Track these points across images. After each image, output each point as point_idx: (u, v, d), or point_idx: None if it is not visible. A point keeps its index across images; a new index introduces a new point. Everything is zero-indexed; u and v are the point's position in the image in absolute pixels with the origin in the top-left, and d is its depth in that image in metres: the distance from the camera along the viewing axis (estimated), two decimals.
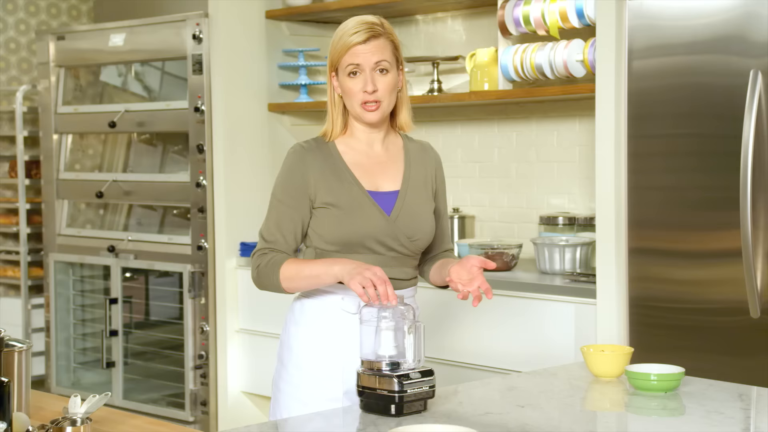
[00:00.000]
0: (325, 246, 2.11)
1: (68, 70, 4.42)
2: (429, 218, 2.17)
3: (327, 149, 2.14)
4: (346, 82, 2.10)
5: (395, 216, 2.11)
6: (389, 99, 2.10)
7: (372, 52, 2.07)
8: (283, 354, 2.19)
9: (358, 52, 2.07)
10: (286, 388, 2.16)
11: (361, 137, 2.16)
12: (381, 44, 2.09)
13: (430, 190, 2.20)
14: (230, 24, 3.85)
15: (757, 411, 1.97)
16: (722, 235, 2.57)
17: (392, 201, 2.13)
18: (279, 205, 2.13)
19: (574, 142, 3.50)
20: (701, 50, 2.59)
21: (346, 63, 2.08)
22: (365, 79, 2.07)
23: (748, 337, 2.53)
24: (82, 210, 4.49)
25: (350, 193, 2.09)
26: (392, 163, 2.17)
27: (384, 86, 2.08)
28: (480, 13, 3.70)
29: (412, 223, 2.13)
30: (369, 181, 2.13)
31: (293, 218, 2.11)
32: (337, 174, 2.11)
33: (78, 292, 4.41)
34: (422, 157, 2.21)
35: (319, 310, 2.15)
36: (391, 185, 2.14)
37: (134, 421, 1.94)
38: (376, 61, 2.07)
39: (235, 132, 3.88)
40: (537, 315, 3.02)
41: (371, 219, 2.09)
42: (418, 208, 2.15)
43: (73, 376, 4.44)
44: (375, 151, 2.16)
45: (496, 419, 1.86)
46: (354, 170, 2.12)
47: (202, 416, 3.91)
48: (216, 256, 3.87)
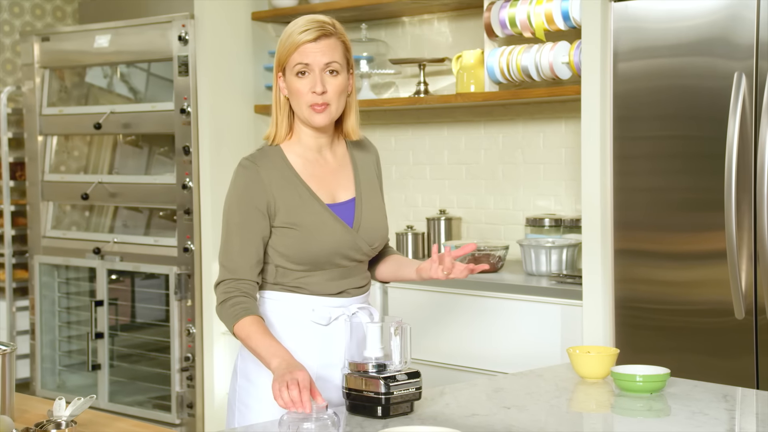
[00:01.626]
0: (289, 265, 2.04)
1: (53, 71, 4.40)
2: (385, 222, 2.13)
3: (277, 160, 2.04)
4: (293, 83, 2.00)
5: (357, 226, 2.07)
6: (338, 102, 2.01)
7: (322, 51, 1.98)
8: (249, 370, 2.07)
9: (307, 51, 1.98)
10: (256, 405, 2.05)
11: (308, 142, 2.06)
12: (332, 44, 2.00)
13: (379, 191, 2.16)
14: (216, 25, 3.84)
15: (741, 412, 1.98)
16: (707, 236, 2.58)
17: (350, 211, 2.07)
18: (237, 229, 2.00)
19: (560, 143, 3.51)
20: (686, 53, 2.61)
21: (295, 62, 1.99)
22: (314, 79, 1.98)
23: (733, 338, 2.54)
24: (68, 212, 4.47)
25: (311, 211, 2.02)
26: (342, 169, 2.10)
27: (333, 88, 2.00)
28: (466, 15, 3.71)
29: (372, 231, 2.08)
30: (325, 192, 2.06)
31: (254, 241, 2.00)
32: (295, 190, 2.03)
33: (63, 295, 4.39)
34: (365, 157, 2.16)
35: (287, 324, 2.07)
36: (345, 194, 2.08)
37: (119, 424, 1.94)
38: (326, 61, 1.99)
39: (221, 133, 3.87)
40: (523, 316, 3.03)
41: (335, 235, 2.03)
42: (374, 213, 2.10)
43: (58, 378, 4.42)
44: (325, 159, 2.08)
45: (482, 421, 1.87)
46: (309, 182, 2.04)
47: (189, 419, 3.90)
48: (202, 258, 3.86)
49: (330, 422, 1.70)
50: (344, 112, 2.07)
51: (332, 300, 2.06)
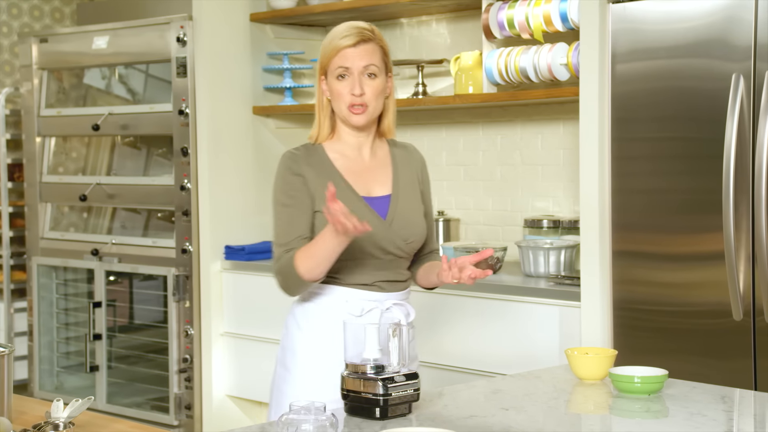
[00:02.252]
0: None
1: (51, 72, 4.40)
2: (421, 220, 2.21)
3: (317, 156, 2.17)
4: (334, 85, 2.13)
5: (390, 220, 2.15)
6: (376, 103, 2.14)
7: (361, 56, 2.11)
8: (286, 358, 2.20)
9: (347, 55, 2.11)
10: (291, 391, 2.16)
11: (349, 141, 2.18)
12: (370, 49, 2.12)
13: (418, 193, 2.24)
14: (214, 27, 3.84)
15: (739, 413, 1.98)
16: (705, 237, 2.58)
17: (385, 205, 2.16)
18: (284, 209, 2.13)
19: (558, 145, 3.51)
20: (684, 54, 2.61)
21: (336, 65, 2.12)
22: (353, 82, 2.11)
23: (731, 340, 2.54)
24: (66, 213, 4.46)
25: (346, 200, 2.10)
26: (381, 167, 2.20)
27: (371, 90, 2.12)
28: (464, 17, 3.71)
29: (406, 226, 2.16)
30: (362, 186, 2.16)
31: (301, 217, 2.12)
32: (332, 180, 2.11)
33: (61, 296, 4.39)
34: (408, 160, 2.25)
35: (322, 314, 2.17)
36: (382, 190, 2.18)
37: (117, 425, 1.93)
38: (365, 64, 2.11)
39: (219, 135, 3.87)
40: (521, 318, 3.03)
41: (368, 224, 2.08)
42: (410, 210, 2.19)
43: (56, 380, 4.41)
44: (364, 157, 2.19)
45: (480, 422, 1.87)
46: (346, 176, 2.15)
47: (187, 420, 3.90)
48: (200, 259, 3.86)
49: (328, 423, 1.70)
50: (383, 112, 2.19)
51: (366, 293, 2.14)
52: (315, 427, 1.69)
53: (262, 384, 3.82)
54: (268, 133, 4.02)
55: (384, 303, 2.14)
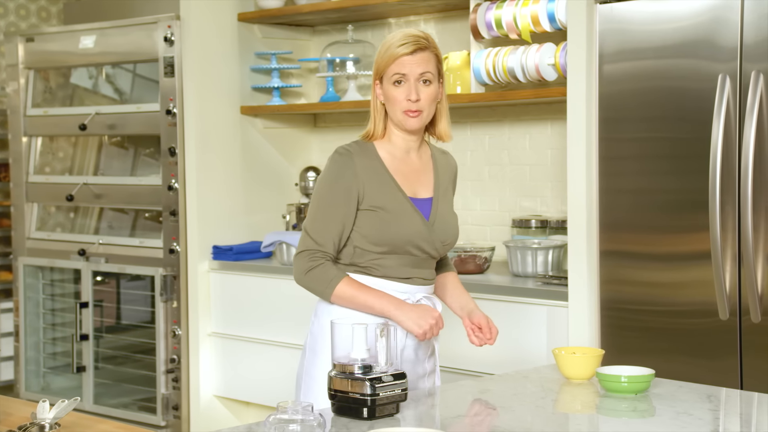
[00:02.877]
0: (368, 246, 2.21)
1: (38, 72, 4.38)
2: (456, 223, 2.33)
3: (370, 154, 2.25)
4: (390, 90, 2.21)
5: (432, 221, 2.26)
6: (429, 109, 2.22)
7: (418, 63, 2.19)
8: (316, 344, 2.26)
9: (404, 62, 2.19)
10: (321, 375, 2.21)
11: (398, 143, 2.27)
12: (426, 57, 2.21)
13: (452, 197, 2.35)
14: (202, 26, 3.82)
15: (725, 412, 1.99)
16: (692, 237, 2.59)
17: (428, 207, 2.27)
18: (328, 206, 2.21)
19: (546, 145, 3.52)
20: (671, 54, 2.62)
21: (393, 72, 2.20)
22: (409, 88, 2.19)
23: (717, 339, 2.55)
24: (52, 213, 4.44)
25: (395, 199, 2.21)
26: (425, 170, 2.30)
27: (426, 96, 2.20)
28: (452, 17, 3.71)
29: (445, 228, 2.28)
30: (408, 187, 2.26)
31: (341, 220, 2.19)
32: (382, 179, 2.22)
33: (48, 296, 4.37)
34: (446, 166, 2.36)
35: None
36: (425, 192, 2.28)
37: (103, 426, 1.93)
38: (420, 72, 2.19)
39: (207, 135, 3.85)
40: (509, 318, 3.03)
41: (414, 224, 2.21)
42: (448, 213, 2.30)
43: (42, 381, 4.39)
44: (411, 159, 2.29)
45: (468, 422, 1.87)
46: (395, 176, 2.24)
47: (174, 421, 3.89)
48: (188, 259, 3.85)
49: (315, 423, 1.70)
50: (437, 117, 2.28)
51: (399, 285, 2.23)
52: (302, 427, 1.69)
53: (250, 384, 3.82)
54: (256, 133, 4.01)
55: (415, 295, 2.24)
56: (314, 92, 4.13)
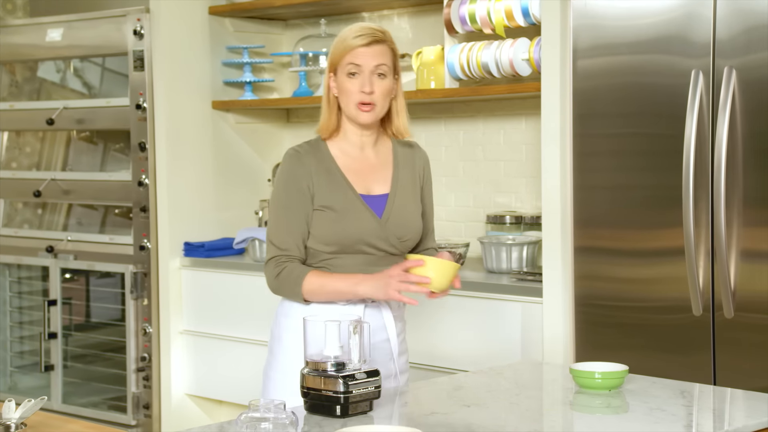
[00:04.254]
0: (319, 246, 2.20)
1: (3, 65, 4.31)
2: (417, 219, 2.28)
3: (321, 152, 2.22)
4: (344, 82, 2.18)
5: (386, 218, 2.22)
6: (383, 103, 2.20)
7: (373, 55, 2.17)
8: (274, 345, 2.27)
9: (359, 53, 2.17)
10: (275, 376, 2.24)
11: (353, 139, 2.24)
12: (382, 50, 2.19)
13: (418, 191, 2.30)
14: (172, 20, 3.78)
15: (699, 408, 1.99)
16: (666, 233, 2.60)
17: (383, 204, 2.23)
18: (285, 211, 2.19)
19: (521, 140, 3.51)
20: (644, 50, 2.62)
21: (347, 62, 2.18)
22: (363, 80, 2.17)
23: (691, 335, 2.56)
24: (19, 209, 4.38)
25: (344, 197, 2.19)
26: (382, 166, 2.26)
27: (380, 90, 2.19)
28: (426, 11, 3.69)
29: (401, 225, 2.23)
30: (361, 184, 2.23)
31: (300, 222, 2.19)
32: (332, 178, 2.21)
33: (15, 294, 4.31)
34: (410, 158, 2.31)
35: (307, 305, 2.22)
36: (381, 188, 2.25)
37: (72, 426, 1.90)
38: (375, 64, 2.17)
39: (178, 130, 3.81)
40: (484, 314, 3.02)
41: (363, 222, 2.19)
42: (406, 209, 2.25)
43: (9, 380, 4.33)
44: (366, 155, 2.25)
45: (441, 419, 1.85)
46: (347, 174, 2.22)
47: (145, 420, 3.84)
48: (159, 256, 3.80)
49: (288, 422, 1.68)
50: (393, 113, 2.24)
51: None
52: (275, 425, 1.66)
53: (222, 382, 3.79)
54: (228, 128, 3.97)
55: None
56: (287, 87, 4.09)
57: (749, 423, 1.82)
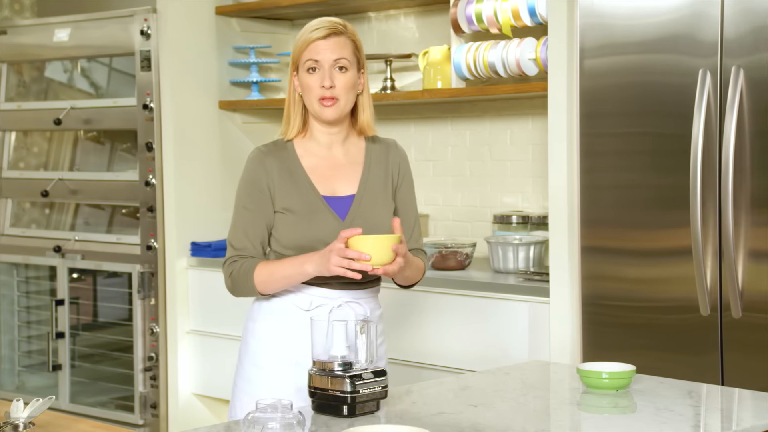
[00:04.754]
0: (282, 250, 2.14)
1: (11, 65, 4.32)
2: (386, 221, 2.16)
3: (285, 153, 2.16)
4: (304, 78, 2.12)
5: (350, 220, 2.13)
6: (347, 97, 2.12)
7: (332, 48, 2.09)
8: (241, 351, 2.22)
9: (318, 47, 2.10)
10: (242, 384, 2.19)
11: (320, 139, 2.17)
12: (341, 42, 2.11)
13: (389, 192, 2.20)
14: (179, 20, 3.78)
15: (706, 408, 1.98)
16: (673, 233, 2.59)
17: (347, 205, 2.14)
18: (244, 211, 2.14)
19: (527, 140, 3.51)
20: (651, 49, 2.61)
21: (306, 58, 2.11)
22: (323, 74, 2.09)
23: (698, 335, 2.55)
24: (27, 209, 4.39)
25: (305, 198, 2.12)
26: (351, 166, 2.17)
27: (342, 84, 2.10)
28: (433, 11, 3.69)
29: (367, 228, 2.11)
30: (325, 185, 2.14)
31: (259, 223, 2.13)
32: (294, 179, 2.13)
33: (23, 294, 4.31)
34: (384, 157, 2.21)
35: (274, 307, 2.17)
36: (347, 189, 2.16)
37: (79, 425, 1.90)
38: (335, 58, 2.09)
39: (185, 130, 3.82)
40: (491, 314, 3.02)
41: (324, 224, 2.11)
42: (374, 211, 2.16)
43: (17, 379, 4.34)
44: (333, 155, 2.17)
45: (448, 419, 1.85)
46: (311, 175, 2.14)
47: (152, 419, 3.85)
48: (166, 256, 3.81)
49: (295, 421, 1.68)
50: (358, 108, 2.16)
51: (315, 289, 2.13)
52: (282, 425, 1.66)
53: (229, 382, 3.78)
54: (235, 128, 3.97)
55: (335, 300, 2.08)
56: None
57: (757, 423, 1.82)
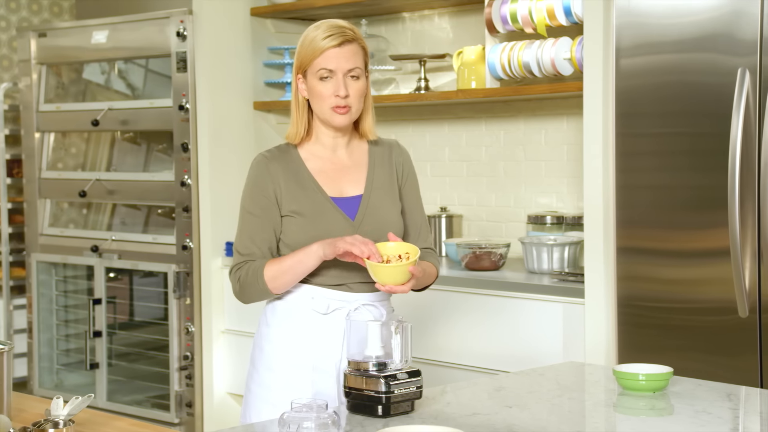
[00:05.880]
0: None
1: (50, 67, 4.38)
2: (395, 219, 2.17)
3: (290, 157, 2.15)
4: (316, 86, 2.09)
5: (359, 220, 2.13)
6: (358, 104, 2.12)
7: (346, 57, 2.08)
8: (255, 355, 2.20)
9: (331, 56, 2.07)
10: (256, 389, 2.17)
11: (325, 141, 2.16)
12: (354, 50, 2.09)
13: (396, 190, 2.20)
14: (215, 21, 3.81)
15: (745, 411, 1.96)
16: (710, 234, 2.56)
17: (356, 205, 2.14)
18: (250, 217, 2.13)
19: (562, 140, 3.49)
20: (689, 48, 2.58)
21: (319, 66, 2.08)
22: (338, 83, 2.08)
23: (737, 337, 2.52)
24: (65, 209, 4.44)
25: (313, 200, 2.11)
26: (356, 167, 2.17)
27: (355, 92, 2.10)
28: (467, 11, 3.68)
29: (377, 226, 2.12)
30: (332, 187, 2.14)
31: (265, 228, 2.12)
32: (300, 182, 2.13)
33: (61, 293, 4.37)
34: (387, 158, 2.21)
35: (288, 311, 2.15)
36: (354, 190, 2.16)
37: (117, 423, 1.92)
38: (349, 67, 2.08)
39: (220, 130, 3.84)
40: (525, 315, 3.01)
41: (335, 224, 2.10)
42: (382, 210, 2.15)
43: (56, 377, 4.40)
44: (338, 157, 2.17)
45: (483, 420, 1.85)
46: (317, 177, 2.14)
47: (188, 418, 3.88)
48: (201, 255, 3.84)
49: (330, 421, 1.68)
50: (362, 113, 2.16)
51: (332, 292, 2.11)
52: (317, 424, 1.67)
53: None
54: (269, 129, 3.99)
55: (352, 303, 2.09)
56: None
57: None
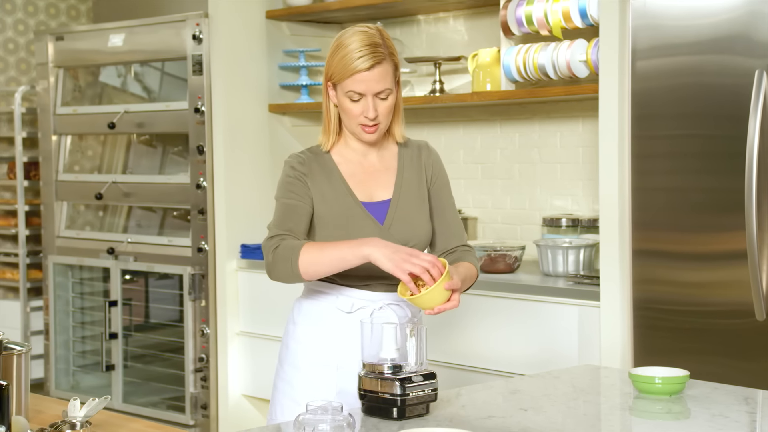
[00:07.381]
0: None
1: (67, 70, 4.40)
2: (423, 222, 2.18)
3: (322, 159, 2.17)
4: (345, 103, 2.10)
5: (389, 224, 2.14)
6: (387, 120, 2.13)
7: (376, 80, 2.06)
8: (282, 353, 2.22)
9: (361, 79, 2.06)
10: (282, 386, 2.19)
11: (355, 146, 2.18)
12: (384, 71, 2.07)
13: (425, 193, 2.20)
14: (230, 24, 3.83)
15: (763, 415, 1.94)
16: (727, 236, 2.55)
17: (385, 209, 2.15)
18: (285, 202, 2.12)
19: (578, 143, 3.48)
20: (705, 50, 2.57)
21: (348, 88, 2.07)
22: (367, 105, 2.08)
23: (754, 340, 2.50)
24: (82, 212, 4.47)
25: (344, 204, 2.12)
26: (385, 171, 2.18)
27: (383, 110, 2.10)
28: (482, 13, 3.68)
29: (406, 230, 2.13)
30: (363, 191, 2.15)
31: (301, 211, 2.11)
32: (332, 185, 2.14)
33: (77, 295, 4.39)
34: (416, 159, 2.22)
35: (315, 309, 2.18)
36: (384, 194, 2.17)
37: (134, 424, 1.93)
38: (379, 90, 2.07)
39: (235, 133, 3.86)
40: (540, 317, 3.00)
41: (364, 229, 2.11)
42: (411, 213, 2.16)
43: (72, 379, 4.42)
44: (369, 161, 2.18)
45: (498, 423, 1.84)
46: (348, 180, 2.15)
47: (203, 420, 3.89)
48: (216, 258, 3.85)
49: (345, 424, 1.68)
50: (393, 120, 2.17)
51: (358, 291, 2.13)
52: (332, 427, 1.67)
53: None
54: (284, 131, 4.00)
55: (376, 303, 2.11)
56: None
57: None
